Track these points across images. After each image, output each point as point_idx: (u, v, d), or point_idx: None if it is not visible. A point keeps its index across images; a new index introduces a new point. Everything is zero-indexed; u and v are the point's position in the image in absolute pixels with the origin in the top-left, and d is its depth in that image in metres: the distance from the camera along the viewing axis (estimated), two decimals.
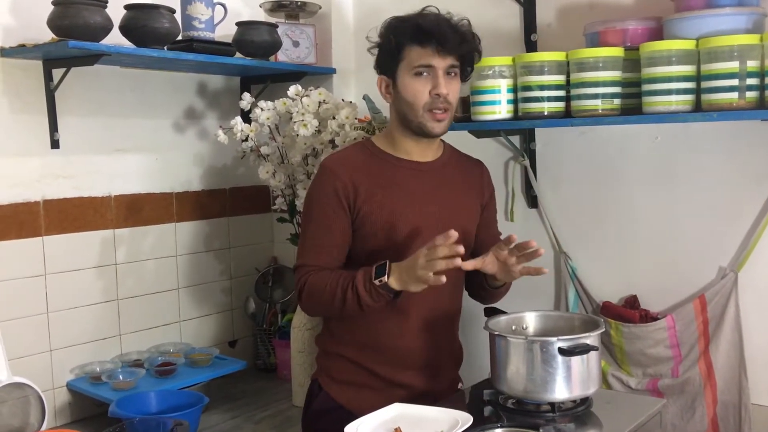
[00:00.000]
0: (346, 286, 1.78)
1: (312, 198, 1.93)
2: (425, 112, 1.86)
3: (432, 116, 1.86)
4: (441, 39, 1.81)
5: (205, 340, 2.85)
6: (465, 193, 2.01)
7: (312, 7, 2.76)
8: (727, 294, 2.12)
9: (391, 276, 1.73)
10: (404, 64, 1.86)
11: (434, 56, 1.82)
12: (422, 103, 1.85)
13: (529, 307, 1.94)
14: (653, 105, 1.94)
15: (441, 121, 1.87)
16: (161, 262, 2.70)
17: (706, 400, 2.14)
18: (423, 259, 1.69)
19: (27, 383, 2.10)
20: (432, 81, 1.84)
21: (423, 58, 1.83)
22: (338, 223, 1.88)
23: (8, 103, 2.26)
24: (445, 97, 1.84)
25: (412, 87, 1.86)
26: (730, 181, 2.15)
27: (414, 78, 1.85)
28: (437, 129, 1.88)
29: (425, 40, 1.82)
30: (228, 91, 2.91)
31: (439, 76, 1.83)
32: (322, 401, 1.96)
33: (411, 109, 1.87)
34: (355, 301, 1.78)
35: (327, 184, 1.89)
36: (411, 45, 1.84)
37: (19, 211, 2.29)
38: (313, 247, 1.89)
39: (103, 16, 2.19)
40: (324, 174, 1.91)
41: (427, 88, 1.84)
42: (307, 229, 1.92)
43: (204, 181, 2.84)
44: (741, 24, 1.89)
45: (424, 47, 1.82)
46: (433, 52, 1.82)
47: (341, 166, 1.90)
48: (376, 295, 1.76)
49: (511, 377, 1.70)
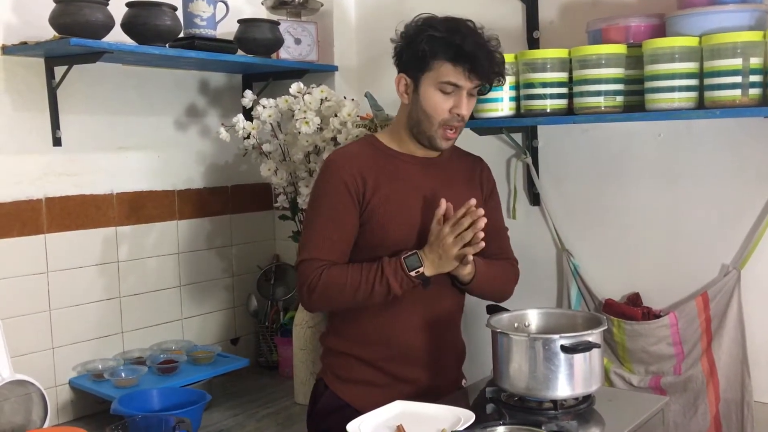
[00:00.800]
0: (373, 279, 1.80)
1: (319, 192, 1.91)
2: (439, 127, 1.88)
3: (444, 133, 1.88)
4: (475, 64, 1.81)
5: (207, 338, 2.85)
6: (467, 188, 2.02)
7: (314, 4, 2.76)
8: (729, 291, 2.12)
9: (425, 264, 1.80)
10: (432, 74, 1.85)
11: (464, 78, 1.82)
12: (440, 119, 1.87)
13: (531, 305, 1.93)
14: (656, 102, 1.94)
15: (450, 139, 1.91)
16: (163, 260, 2.70)
17: (708, 398, 2.13)
18: (450, 237, 1.76)
19: (29, 381, 2.11)
20: (455, 100, 1.85)
21: (453, 76, 1.82)
22: (349, 217, 1.87)
23: (10, 101, 2.26)
24: (464, 117, 1.88)
25: (433, 100, 1.86)
26: (733, 178, 2.15)
27: (438, 92, 1.85)
28: (445, 145, 1.92)
29: (460, 61, 1.81)
30: (230, 88, 2.91)
31: (463, 96, 1.85)
32: (327, 400, 1.96)
33: (427, 121, 1.88)
34: (383, 293, 1.81)
35: (335, 177, 1.88)
36: (444, 60, 1.82)
37: (21, 208, 2.29)
38: (324, 241, 1.87)
39: (104, 14, 2.19)
40: (331, 168, 1.90)
41: (449, 105, 1.85)
42: (315, 222, 1.90)
43: (206, 179, 2.84)
44: (744, 21, 1.89)
45: (456, 67, 1.82)
46: (464, 73, 1.82)
47: (348, 160, 1.90)
48: (408, 284, 1.81)
49: (514, 375, 1.70)
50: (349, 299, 1.84)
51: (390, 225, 1.87)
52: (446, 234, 1.77)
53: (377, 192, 1.88)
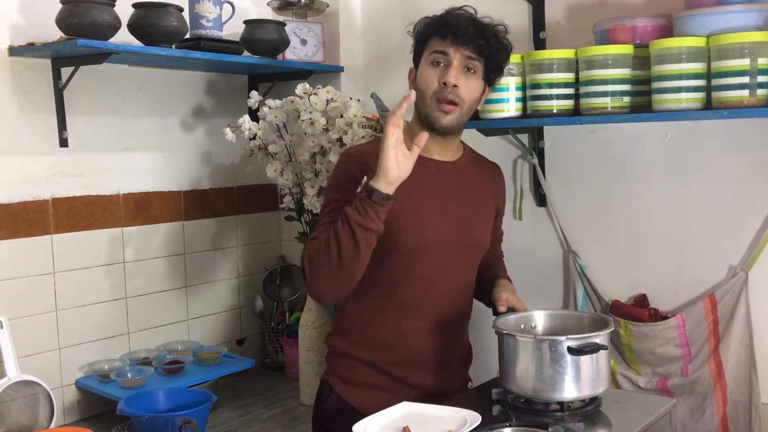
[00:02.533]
0: (336, 226, 1.71)
1: (332, 182, 1.93)
2: (432, 101, 1.85)
3: (438, 107, 1.84)
4: (457, 30, 1.82)
5: (213, 339, 2.85)
6: (483, 195, 2.01)
7: (320, 5, 2.76)
8: (737, 293, 2.11)
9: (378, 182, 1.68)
10: (425, 54, 1.88)
11: (450, 46, 1.83)
12: (431, 91, 1.85)
13: (537, 306, 1.92)
14: (663, 103, 1.93)
15: (447, 113, 1.84)
16: (169, 261, 2.70)
17: (716, 400, 2.12)
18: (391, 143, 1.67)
19: (36, 381, 2.11)
20: (443, 70, 1.84)
21: (439, 46, 1.84)
22: None
23: (17, 102, 2.27)
24: (453, 87, 1.82)
25: (425, 74, 1.86)
26: (740, 179, 2.14)
27: (429, 66, 1.86)
28: (442, 120, 1.85)
29: (444, 30, 1.84)
30: (236, 89, 2.91)
31: (453, 66, 1.83)
32: (333, 403, 1.95)
33: (421, 98, 1.87)
34: (348, 233, 1.68)
35: (347, 168, 1.88)
36: (433, 36, 1.86)
37: (28, 209, 2.30)
38: (324, 225, 1.84)
39: (111, 15, 2.19)
40: (346, 159, 1.91)
41: (438, 76, 1.84)
42: (323, 209, 1.90)
43: (212, 180, 2.84)
44: (752, 21, 1.87)
45: (444, 38, 1.84)
46: (450, 41, 1.83)
47: (364, 156, 1.89)
48: (364, 207, 1.68)
49: (520, 376, 1.69)
50: (326, 261, 1.71)
51: (403, 230, 1.85)
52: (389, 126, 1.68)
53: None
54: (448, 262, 1.91)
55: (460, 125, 1.91)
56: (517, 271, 2.18)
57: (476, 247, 1.99)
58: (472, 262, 2.00)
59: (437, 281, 1.90)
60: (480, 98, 1.93)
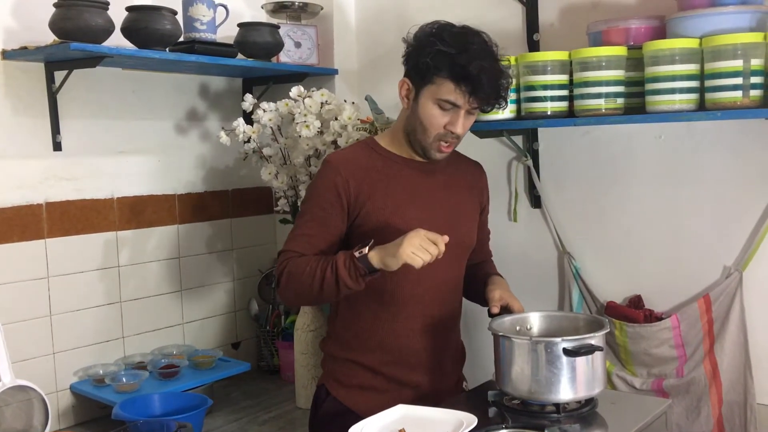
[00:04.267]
0: (325, 266, 1.76)
1: (311, 191, 1.93)
2: (434, 141, 1.87)
3: (438, 146, 1.88)
4: (477, 88, 1.79)
5: (209, 342, 2.84)
6: (467, 194, 2.02)
7: (314, 8, 2.76)
8: (731, 293, 2.12)
9: (371, 251, 1.72)
10: (432, 88, 1.82)
11: (463, 99, 1.80)
12: (435, 133, 1.86)
13: (533, 308, 1.93)
14: (657, 104, 1.93)
15: (444, 152, 1.90)
16: (164, 264, 2.70)
17: (711, 401, 2.13)
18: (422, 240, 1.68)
19: (30, 386, 2.10)
20: (452, 117, 1.83)
21: (452, 95, 1.80)
22: (333, 218, 1.87)
23: (10, 106, 2.26)
24: (459, 135, 1.86)
25: (429, 114, 1.84)
26: (735, 179, 2.14)
27: (436, 107, 1.83)
28: (439, 157, 1.91)
29: (462, 82, 1.78)
30: (230, 92, 2.91)
31: (461, 116, 1.83)
32: (329, 406, 1.96)
33: (422, 133, 1.87)
34: (333, 281, 1.74)
35: (328, 178, 1.88)
36: (445, 77, 1.79)
37: (21, 213, 2.29)
38: (302, 236, 1.87)
39: (104, 18, 2.19)
40: (326, 169, 1.91)
41: (445, 121, 1.84)
42: (301, 218, 1.91)
43: (206, 183, 2.84)
44: (744, 22, 1.88)
45: (458, 87, 1.79)
46: (464, 95, 1.79)
47: (345, 163, 1.90)
48: (354, 271, 1.72)
49: (516, 378, 1.70)
50: (307, 288, 1.79)
51: (387, 230, 1.86)
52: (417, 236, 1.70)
53: (373, 197, 1.87)
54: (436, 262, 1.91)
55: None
56: (512, 273, 2.18)
57: (463, 244, 2.00)
58: (460, 260, 2.01)
59: (426, 281, 1.91)
60: None
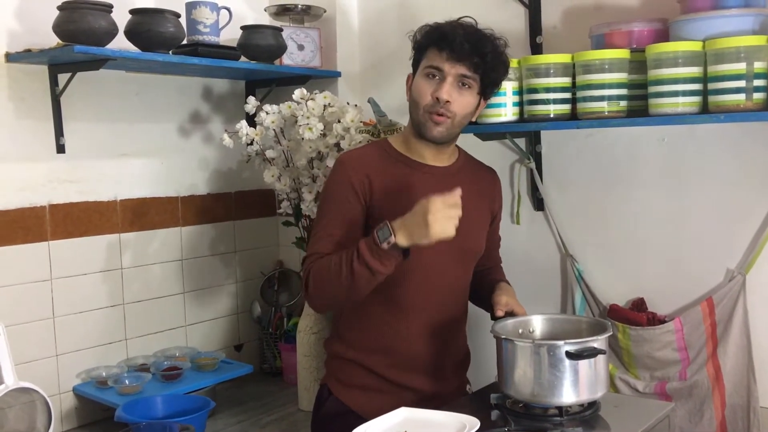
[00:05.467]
0: (351, 259, 1.72)
1: (327, 191, 1.92)
2: (425, 112, 1.86)
3: (430, 118, 1.85)
4: (453, 45, 1.81)
5: (211, 344, 2.85)
6: (478, 200, 2.01)
7: (317, 10, 2.76)
8: (735, 296, 2.11)
9: (396, 234, 1.68)
10: (422, 64, 1.88)
11: (445, 61, 1.82)
12: (423, 104, 1.85)
13: (535, 311, 1.92)
14: (660, 107, 1.93)
15: (438, 124, 1.85)
16: (167, 266, 2.70)
17: (714, 404, 2.12)
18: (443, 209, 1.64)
19: (33, 388, 2.11)
20: (437, 85, 1.84)
21: (435, 60, 1.84)
22: (353, 215, 1.86)
23: (14, 108, 2.27)
24: (445, 103, 1.83)
25: (419, 86, 1.87)
26: (738, 182, 2.14)
27: (424, 78, 1.86)
28: (434, 132, 1.86)
29: (441, 44, 1.82)
30: (233, 95, 2.91)
31: (447, 82, 1.83)
32: (331, 406, 1.96)
33: (414, 109, 1.88)
34: (365, 272, 1.71)
35: (343, 176, 1.88)
36: (430, 47, 1.85)
37: (25, 215, 2.30)
38: (325, 238, 1.85)
39: (108, 21, 2.19)
40: (340, 167, 1.90)
41: (431, 89, 1.84)
42: (321, 220, 1.90)
43: (209, 185, 2.84)
44: (747, 25, 1.88)
45: (440, 51, 1.83)
46: (446, 57, 1.82)
47: (358, 162, 1.90)
48: (386, 258, 1.70)
49: (519, 381, 1.69)
50: (336, 285, 1.76)
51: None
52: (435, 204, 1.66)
53: (385, 199, 1.87)
54: (443, 267, 1.91)
55: (452, 135, 1.91)
56: (515, 276, 2.18)
57: (470, 251, 1.99)
58: (467, 266, 2.01)
59: (432, 286, 1.91)
60: (474, 111, 1.92)
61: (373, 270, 1.71)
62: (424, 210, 1.66)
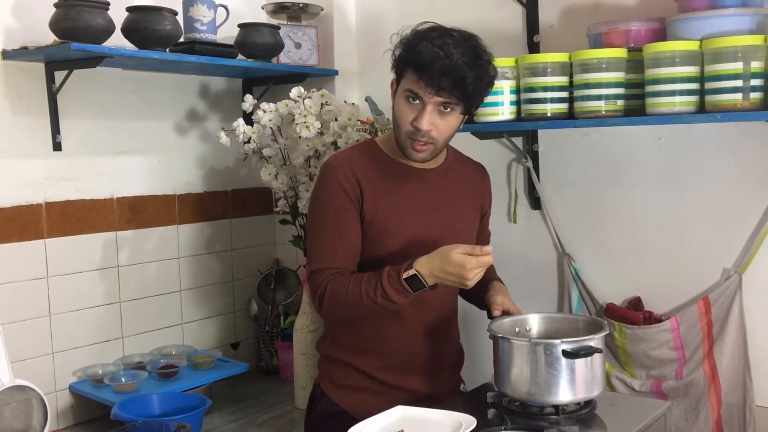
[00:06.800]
0: (374, 294, 1.73)
1: (319, 199, 1.88)
2: (407, 138, 1.80)
3: (412, 145, 1.80)
4: (432, 77, 1.70)
5: (208, 343, 2.84)
6: (467, 198, 2.00)
7: (314, 8, 2.76)
8: (731, 295, 2.12)
9: (428, 282, 1.71)
10: (403, 82, 1.80)
11: (424, 90, 1.73)
12: (404, 130, 1.79)
13: (532, 309, 1.92)
14: (657, 106, 1.94)
15: (420, 151, 1.80)
16: (163, 264, 2.70)
17: (710, 402, 2.13)
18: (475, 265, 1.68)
19: (29, 386, 2.10)
20: (418, 113, 1.76)
21: (413, 85, 1.75)
22: (351, 222, 1.84)
23: (10, 106, 2.26)
24: (427, 132, 1.75)
25: (400, 108, 1.80)
26: (734, 182, 2.14)
27: (404, 100, 1.78)
28: (416, 157, 1.81)
29: (420, 71, 1.72)
30: (230, 92, 2.91)
31: (427, 111, 1.75)
32: (324, 406, 1.95)
33: (397, 131, 1.83)
34: (390, 304, 1.74)
35: (334, 183, 1.84)
36: (410, 70, 1.76)
37: (21, 213, 2.29)
38: (329, 250, 1.83)
39: (105, 18, 2.19)
40: (329, 173, 1.86)
41: (412, 117, 1.77)
42: (319, 231, 1.86)
43: (206, 183, 2.84)
44: (745, 25, 1.88)
45: (419, 78, 1.73)
46: (421, 84, 1.73)
47: (346, 165, 1.86)
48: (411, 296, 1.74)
49: (515, 379, 1.69)
50: (355, 311, 1.80)
51: (387, 237, 1.85)
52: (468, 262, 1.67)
53: (375, 202, 1.85)
54: None
55: (436, 155, 1.87)
56: (511, 274, 2.18)
57: None
58: None
59: None
60: (459, 126, 1.85)
61: (398, 304, 1.75)
62: (459, 266, 1.68)
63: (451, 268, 1.69)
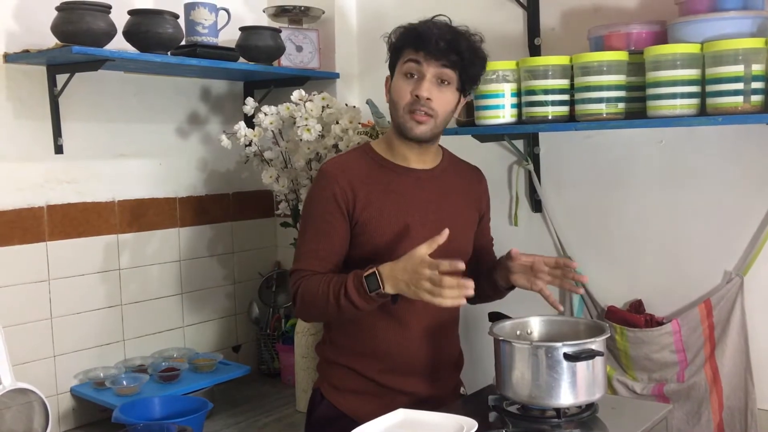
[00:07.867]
0: (338, 294, 1.75)
1: (311, 202, 1.91)
2: (405, 113, 1.84)
3: (411, 117, 1.83)
4: (429, 44, 1.80)
5: (209, 346, 2.84)
6: (463, 200, 2.00)
7: (315, 11, 2.77)
8: (732, 298, 2.11)
9: (386, 285, 1.70)
10: (399, 64, 1.87)
11: (422, 60, 1.81)
12: (404, 103, 1.84)
13: (533, 312, 1.92)
14: (658, 109, 1.94)
15: (421, 123, 1.83)
16: (165, 267, 2.70)
17: (712, 406, 2.13)
18: (428, 283, 1.65)
19: (31, 389, 2.10)
20: (416, 83, 1.83)
21: (412, 55, 1.83)
22: (336, 229, 1.85)
23: (12, 109, 2.27)
24: (426, 101, 1.82)
25: (398, 86, 1.86)
26: (735, 184, 2.14)
27: (403, 78, 1.85)
28: (416, 130, 1.84)
29: (417, 44, 1.82)
30: (231, 96, 2.91)
31: (425, 80, 1.82)
32: (324, 410, 1.95)
33: (395, 109, 1.87)
34: (351, 308, 1.74)
35: (326, 188, 1.87)
36: (406, 48, 1.85)
37: (22, 216, 2.29)
38: (309, 252, 1.86)
39: (106, 22, 2.19)
40: (323, 179, 1.89)
41: (411, 88, 1.83)
42: (305, 233, 1.90)
43: (207, 186, 2.84)
44: (746, 28, 1.89)
45: (417, 51, 1.82)
46: (422, 55, 1.81)
47: (341, 172, 1.88)
48: (372, 300, 1.73)
49: (516, 383, 1.69)
50: (322, 311, 1.81)
51: (382, 240, 1.85)
52: (425, 276, 1.65)
53: (369, 206, 1.85)
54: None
55: (435, 134, 1.89)
56: None
57: (458, 253, 1.95)
58: None
59: None
60: (455, 108, 1.91)
61: (359, 308, 1.75)
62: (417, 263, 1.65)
63: (408, 264, 1.67)
